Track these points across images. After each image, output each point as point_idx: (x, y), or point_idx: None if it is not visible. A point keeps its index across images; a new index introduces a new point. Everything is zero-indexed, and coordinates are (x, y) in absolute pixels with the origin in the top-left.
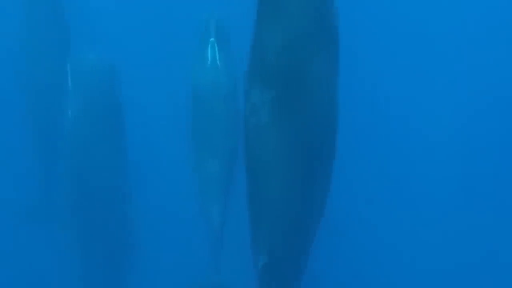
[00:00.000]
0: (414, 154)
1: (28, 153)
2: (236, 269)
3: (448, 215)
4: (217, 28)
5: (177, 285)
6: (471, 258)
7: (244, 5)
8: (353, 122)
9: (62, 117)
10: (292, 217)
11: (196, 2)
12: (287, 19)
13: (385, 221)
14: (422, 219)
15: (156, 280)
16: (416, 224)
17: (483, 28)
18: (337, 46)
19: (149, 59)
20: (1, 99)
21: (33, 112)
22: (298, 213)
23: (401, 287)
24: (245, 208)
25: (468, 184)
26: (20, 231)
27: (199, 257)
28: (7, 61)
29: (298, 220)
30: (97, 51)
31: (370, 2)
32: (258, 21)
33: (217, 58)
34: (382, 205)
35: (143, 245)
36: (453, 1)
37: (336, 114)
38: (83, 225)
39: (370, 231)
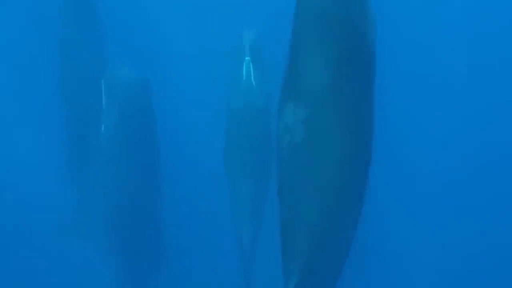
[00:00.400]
0: (454, 172)
1: (63, 165)
2: None
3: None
4: (252, 47)
5: None
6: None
7: (280, 25)
8: (388, 141)
9: (97, 131)
10: (325, 237)
11: (231, 21)
12: (323, 38)
13: (421, 242)
14: (464, 239)
15: None
16: (457, 246)
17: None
18: (374, 65)
19: (183, 76)
20: (38, 112)
21: (70, 125)
22: (330, 233)
23: None
24: (277, 227)
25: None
26: (56, 242)
27: (231, 276)
28: (44, 76)
29: (331, 240)
30: (132, 68)
31: (408, 22)
32: (294, 40)
33: (252, 77)
34: (417, 226)
35: (175, 263)
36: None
37: (371, 132)
38: (117, 236)
39: (403, 251)
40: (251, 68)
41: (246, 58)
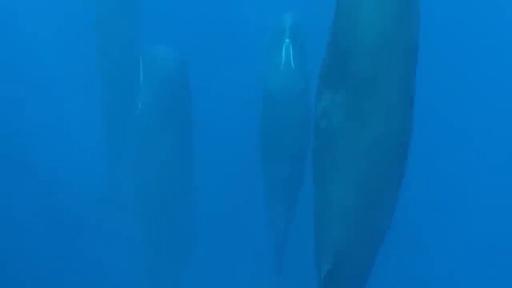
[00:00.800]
0: (491, 163)
1: (96, 146)
2: (298, 276)
3: None
4: (292, 29)
5: None
6: None
7: (321, 7)
8: (427, 129)
9: (132, 109)
10: (359, 224)
11: (272, 2)
12: (365, 22)
13: (456, 231)
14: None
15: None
16: (490, 239)
17: None
18: (416, 54)
19: (221, 57)
20: (74, 89)
21: (106, 102)
22: (365, 221)
23: None
24: (310, 213)
25: None
26: (87, 223)
27: (263, 262)
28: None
29: (365, 228)
30: (170, 48)
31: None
32: (335, 23)
33: (291, 59)
34: (453, 215)
35: (206, 248)
36: None
37: (410, 121)
38: (148, 218)
39: (439, 241)
40: (291, 51)
41: (286, 40)
